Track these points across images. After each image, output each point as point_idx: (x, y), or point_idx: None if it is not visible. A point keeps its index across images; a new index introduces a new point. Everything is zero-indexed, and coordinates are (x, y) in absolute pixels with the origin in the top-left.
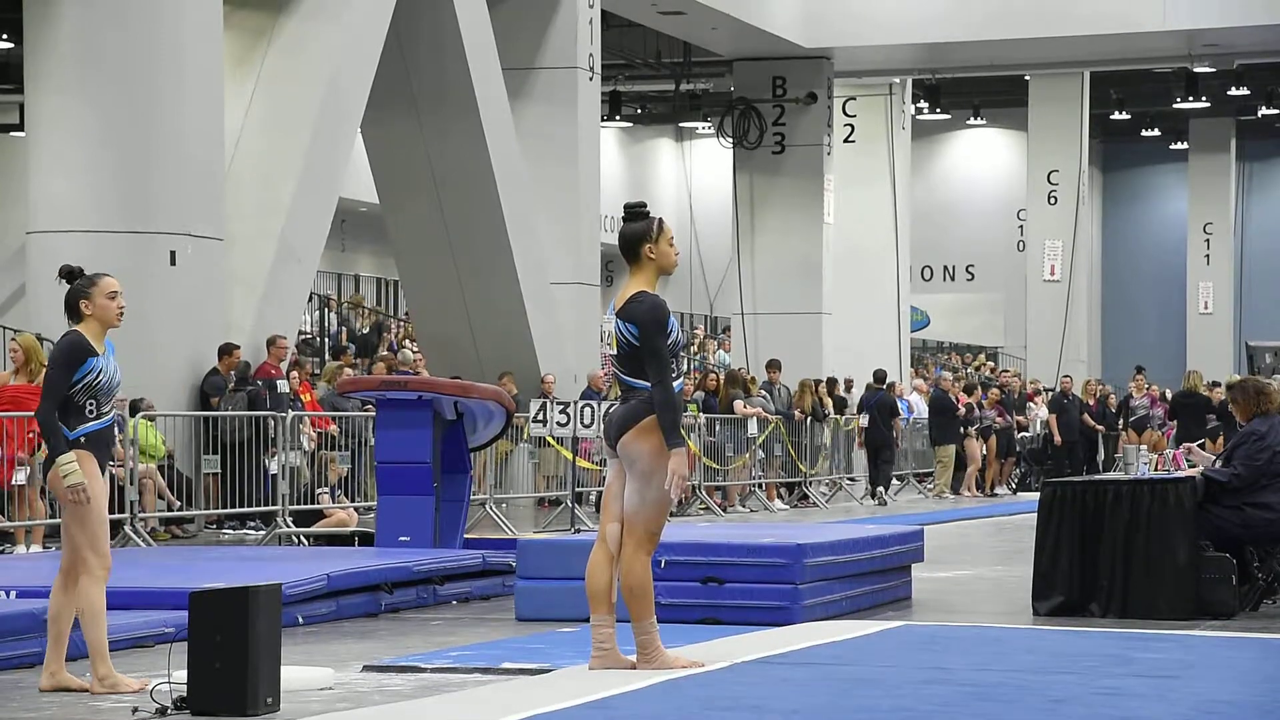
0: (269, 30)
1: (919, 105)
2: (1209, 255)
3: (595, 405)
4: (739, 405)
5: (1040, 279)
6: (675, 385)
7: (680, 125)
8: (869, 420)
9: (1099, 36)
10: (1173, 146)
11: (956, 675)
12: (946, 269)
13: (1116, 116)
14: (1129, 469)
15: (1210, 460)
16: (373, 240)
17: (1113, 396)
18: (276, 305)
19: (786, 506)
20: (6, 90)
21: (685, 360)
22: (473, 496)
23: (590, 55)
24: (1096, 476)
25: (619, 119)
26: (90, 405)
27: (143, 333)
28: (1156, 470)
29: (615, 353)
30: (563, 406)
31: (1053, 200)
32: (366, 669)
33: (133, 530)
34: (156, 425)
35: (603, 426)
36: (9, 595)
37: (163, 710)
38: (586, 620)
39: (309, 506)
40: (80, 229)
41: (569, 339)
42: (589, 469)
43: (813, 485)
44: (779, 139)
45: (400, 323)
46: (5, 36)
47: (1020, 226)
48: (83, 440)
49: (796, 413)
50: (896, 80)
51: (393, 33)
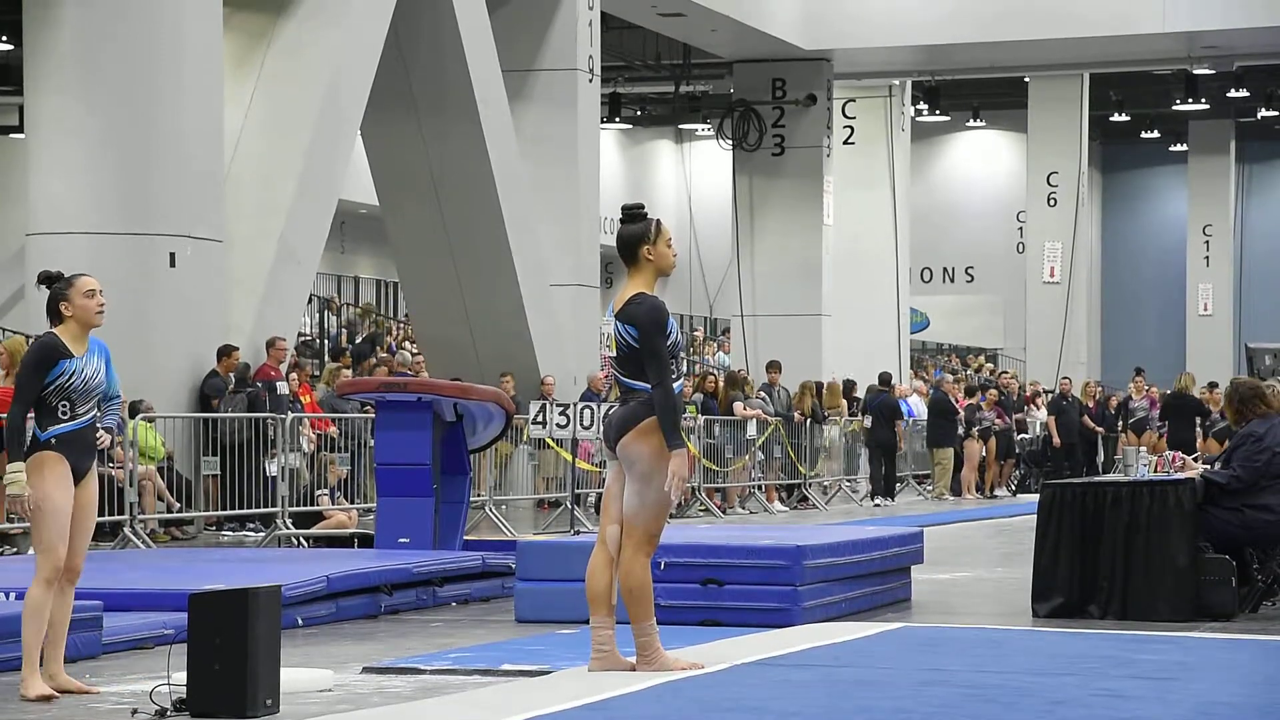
0: (269, 32)
1: (919, 107)
2: (1208, 257)
3: (595, 407)
4: (739, 407)
5: (1040, 281)
6: (675, 386)
7: (680, 127)
8: (872, 422)
9: (1099, 38)
10: (1172, 148)
11: (956, 677)
12: (946, 271)
13: (1116, 118)
14: (1128, 471)
15: (1199, 470)
16: (372, 242)
17: (1113, 399)
18: (276, 307)
19: (786, 508)
20: (6, 92)
21: (685, 361)
22: (472, 498)
23: (590, 57)
24: (1096, 478)
25: (619, 121)
26: (64, 407)
27: (142, 334)
28: (1156, 472)
29: (614, 354)
30: (562, 408)
31: (1052, 202)
32: (366, 671)
33: (132, 532)
34: (156, 427)
35: (602, 428)
36: (8, 597)
37: (162, 712)
38: (586, 622)
39: (308, 508)
40: (80, 230)
41: (569, 341)
42: (588, 471)
43: (813, 487)
44: (779, 141)
45: (400, 325)
46: (5, 38)
47: (1020, 228)
48: (54, 441)
49: (796, 414)
50: (896, 82)
51: (392, 34)
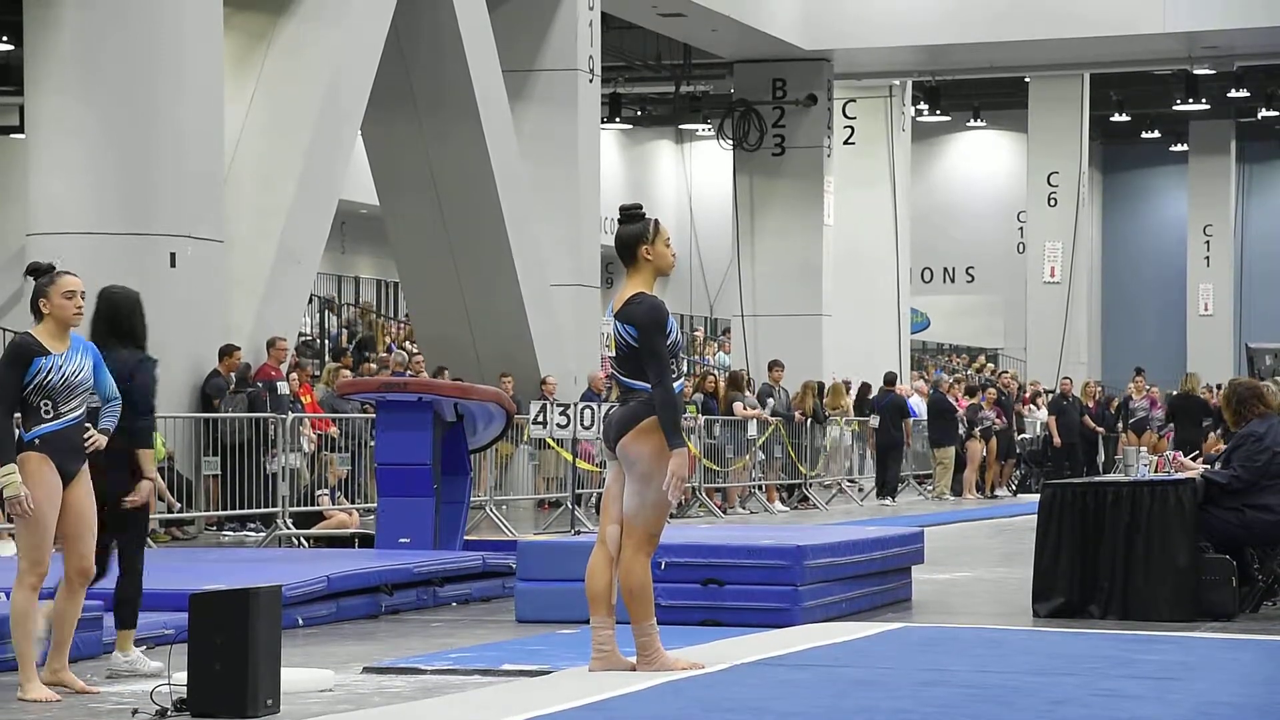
0: (269, 32)
1: (919, 107)
2: (1209, 257)
3: (595, 407)
4: (739, 407)
5: (1040, 281)
6: (675, 386)
7: (680, 127)
8: (879, 422)
9: (1099, 38)
10: (1173, 148)
11: (956, 677)
12: (946, 271)
13: (1116, 118)
14: (1129, 471)
15: (1199, 469)
16: (373, 242)
17: (1114, 400)
18: (276, 307)
19: (786, 508)
20: (6, 92)
21: (686, 361)
22: (472, 498)
23: (590, 57)
24: (1096, 478)
25: (619, 121)
26: (46, 406)
27: None
28: (1156, 472)
29: (614, 354)
30: (563, 408)
31: (1053, 202)
32: (366, 670)
33: None
34: (156, 427)
35: (602, 428)
36: (7, 597)
37: (163, 712)
38: (586, 622)
39: (309, 508)
40: (80, 231)
41: (569, 341)
42: (589, 471)
43: (814, 487)
44: (779, 141)
45: (401, 324)
46: (5, 39)
47: (1020, 228)
48: (37, 442)
49: (797, 414)
50: (896, 82)
51: (393, 34)
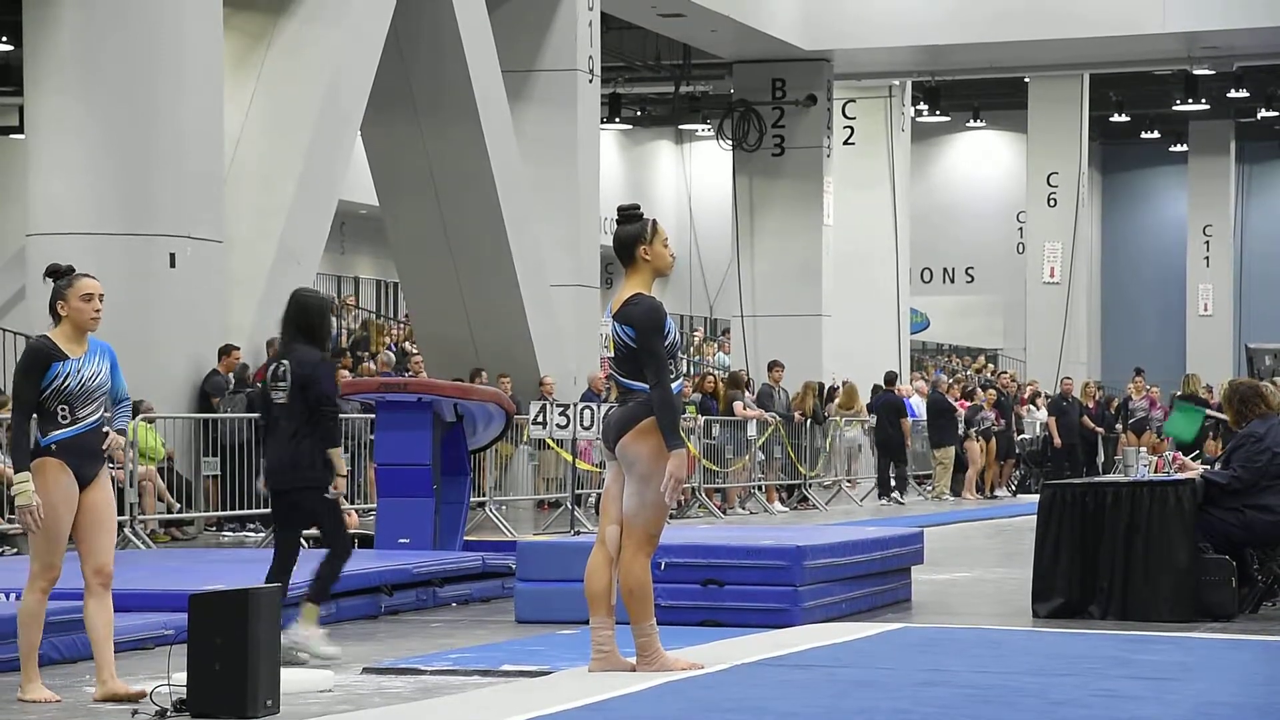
0: (269, 32)
1: (919, 107)
2: (1209, 257)
3: (595, 407)
4: (739, 407)
5: (1040, 281)
6: (674, 387)
7: (680, 127)
8: (877, 422)
9: (1098, 39)
10: (1172, 149)
11: (956, 677)
12: (946, 271)
13: (1116, 119)
14: (1128, 471)
15: (1199, 470)
16: (372, 242)
17: (1114, 401)
18: (276, 308)
19: (786, 509)
20: (6, 92)
21: (685, 362)
22: (472, 498)
23: (590, 57)
24: (1096, 479)
25: (619, 121)
26: (63, 411)
27: (142, 335)
28: (1156, 472)
29: (613, 355)
30: (562, 409)
31: (1052, 202)
32: (366, 671)
33: (132, 532)
34: (156, 427)
35: (601, 429)
36: (8, 598)
37: (162, 712)
38: (586, 622)
39: None
40: (80, 231)
41: (569, 341)
42: (589, 471)
43: (814, 487)
44: (778, 141)
45: (401, 324)
46: (5, 39)
47: (1020, 229)
48: (54, 448)
49: (796, 415)
50: (896, 82)
51: (392, 35)
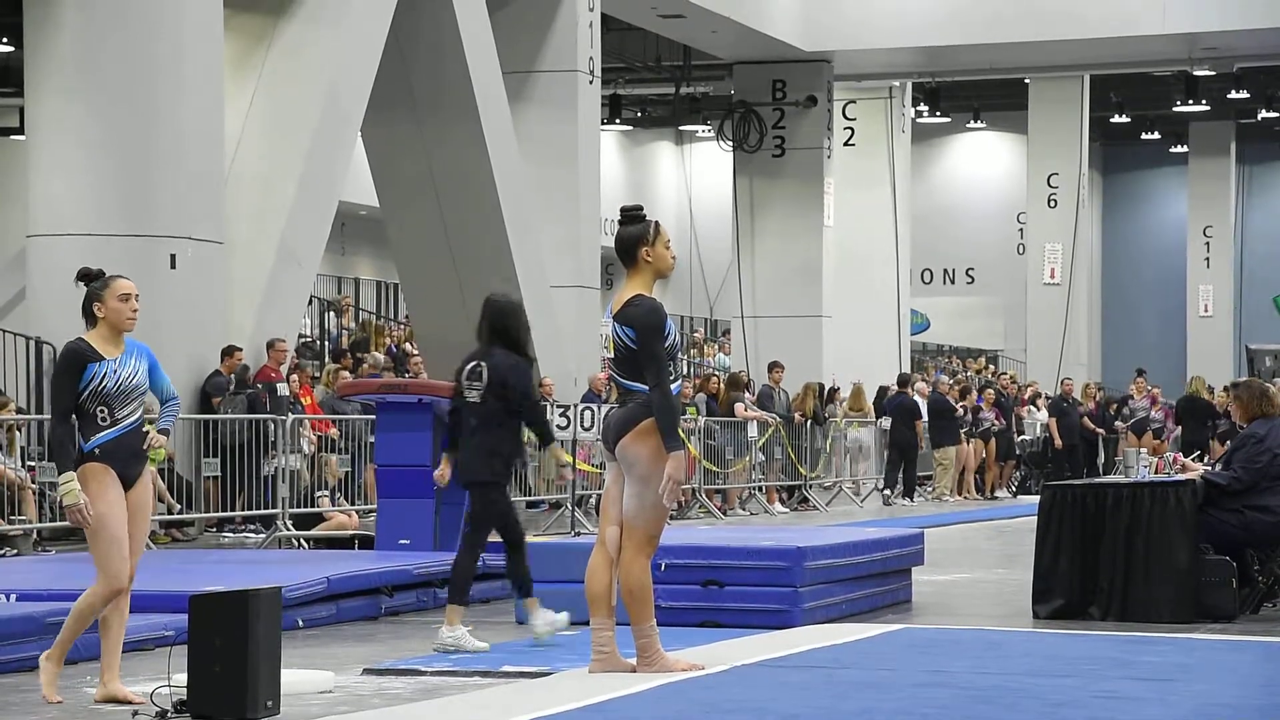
0: (269, 34)
1: (919, 108)
2: (1209, 258)
3: (595, 408)
4: (739, 408)
5: (1040, 282)
6: (674, 388)
7: (680, 128)
8: (890, 424)
9: (1099, 40)
10: (1173, 149)
11: (956, 678)
12: (946, 272)
13: (1116, 119)
14: (1129, 472)
15: (1199, 471)
16: (373, 243)
17: (1114, 404)
18: (276, 309)
19: (786, 510)
20: (6, 94)
21: (686, 363)
22: None
23: (590, 58)
24: (1097, 480)
25: (619, 122)
26: (102, 413)
27: (142, 336)
28: (1157, 473)
29: (613, 356)
30: (562, 410)
31: (1053, 203)
32: (366, 672)
33: None
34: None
35: (601, 430)
36: (9, 599)
37: (163, 713)
38: (586, 623)
39: (309, 510)
40: (80, 232)
41: (569, 342)
42: (589, 472)
43: (814, 488)
44: (779, 142)
45: (400, 325)
46: (5, 40)
47: (1020, 230)
48: (97, 452)
49: (797, 416)
50: (896, 83)
51: (393, 36)
